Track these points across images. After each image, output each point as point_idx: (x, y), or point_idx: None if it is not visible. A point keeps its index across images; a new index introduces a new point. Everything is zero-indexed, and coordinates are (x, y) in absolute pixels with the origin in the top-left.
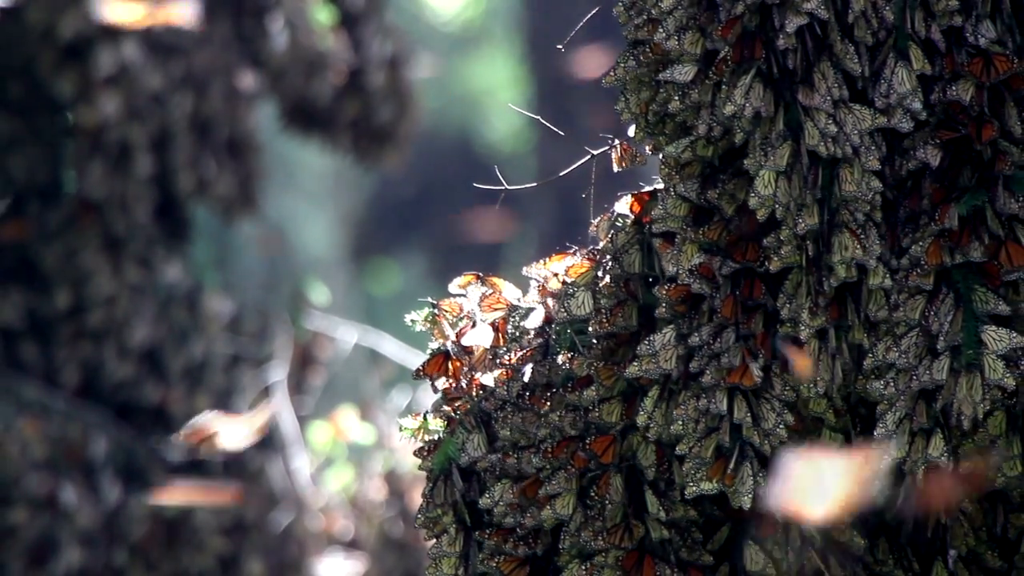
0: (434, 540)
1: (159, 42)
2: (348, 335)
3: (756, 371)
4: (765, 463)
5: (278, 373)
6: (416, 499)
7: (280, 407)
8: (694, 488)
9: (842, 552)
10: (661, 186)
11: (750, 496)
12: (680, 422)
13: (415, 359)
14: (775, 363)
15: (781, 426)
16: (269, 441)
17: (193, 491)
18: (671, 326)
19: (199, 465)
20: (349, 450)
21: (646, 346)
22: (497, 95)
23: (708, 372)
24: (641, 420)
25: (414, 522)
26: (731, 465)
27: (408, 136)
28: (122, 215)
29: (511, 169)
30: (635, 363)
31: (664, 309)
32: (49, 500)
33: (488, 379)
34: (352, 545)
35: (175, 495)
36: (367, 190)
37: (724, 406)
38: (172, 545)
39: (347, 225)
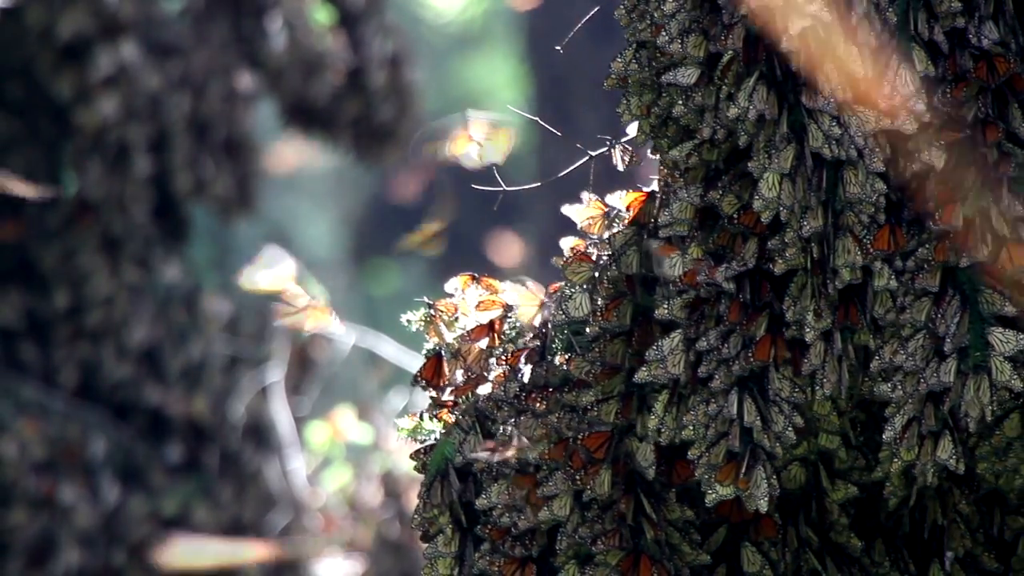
0: (430, 541)
1: (157, 43)
2: (346, 336)
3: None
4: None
5: (276, 374)
6: (413, 500)
7: (277, 408)
8: (713, 495)
9: (839, 554)
10: (658, 186)
11: (766, 499)
12: (691, 427)
13: (413, 360)
14: (783, 365)
15: (790, 429)
16: (266, 442)
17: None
18: (679, 330)
19: (197, 466)
20: (347, 451)
21: (654, 351)
22: (497, 95)
23: (717, 377)
24: (652, 424)
25: (411, 523)
26: (743, 469)
27: (409, 135)
28: (120, 215)
29: (511, 169)
30: (643, 368)
31: (667, 311)
32: (48, 500)
33: (484, 383)
34: (350, 546)
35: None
36: (368, 191)
37: (735, 409)
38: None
39: (348, 225)
